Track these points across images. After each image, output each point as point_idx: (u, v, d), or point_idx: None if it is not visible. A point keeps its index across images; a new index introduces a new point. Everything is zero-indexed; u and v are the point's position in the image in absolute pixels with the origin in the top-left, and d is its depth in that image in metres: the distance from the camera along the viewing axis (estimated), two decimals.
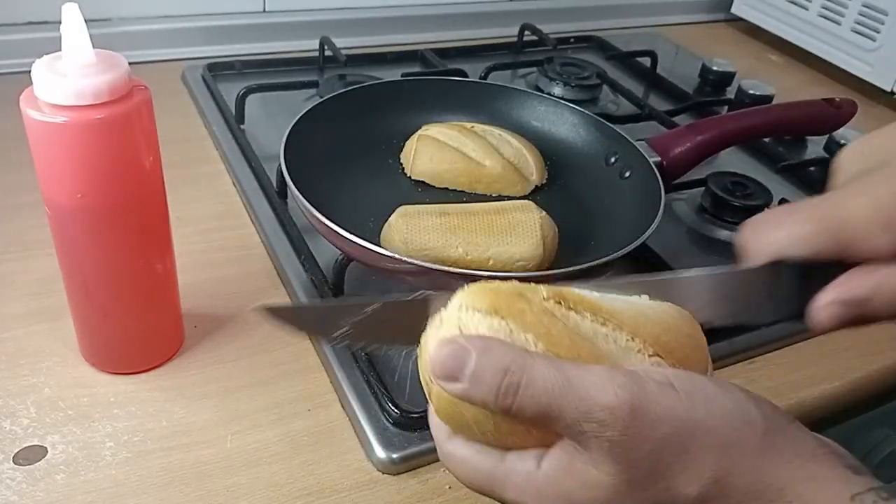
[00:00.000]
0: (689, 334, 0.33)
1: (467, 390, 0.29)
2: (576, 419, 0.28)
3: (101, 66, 0.40)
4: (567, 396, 0.28)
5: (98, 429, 0.46)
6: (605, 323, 0.31)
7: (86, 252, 0.45)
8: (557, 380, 0.28)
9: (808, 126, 0.77)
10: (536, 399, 0.28)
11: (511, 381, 0.28)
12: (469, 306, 0.30)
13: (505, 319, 0.30)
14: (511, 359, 0.29)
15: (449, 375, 0.29)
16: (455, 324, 0.30)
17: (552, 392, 0.28)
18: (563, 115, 0.72)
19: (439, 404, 0.31)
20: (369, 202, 0.62)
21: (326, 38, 0.89)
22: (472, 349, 0.29)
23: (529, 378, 0.28)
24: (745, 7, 1.20)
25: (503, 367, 0.28)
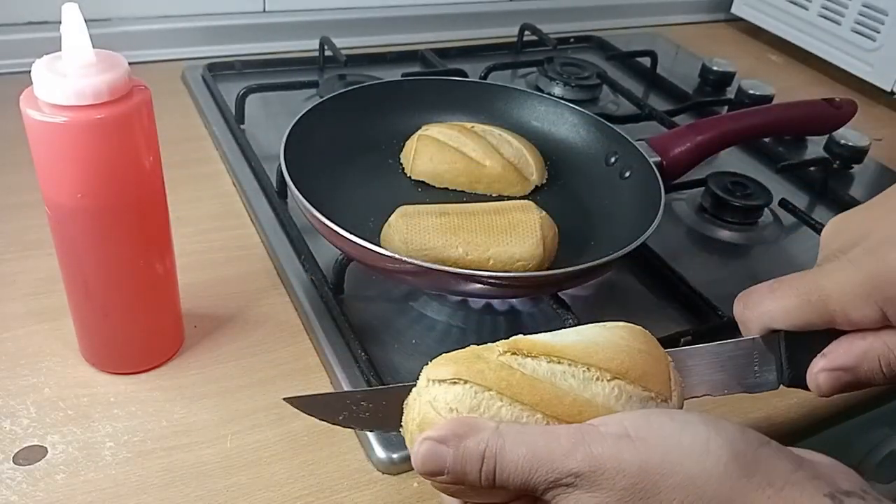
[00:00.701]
0: (643, 350, 0.35)
1: (452, 482, 0.31)
2: (548, 488, 0.30)
3: (101, 66, 0.40)
4: (538, 471, 0.30)
5: (98, 429, 0.46)
6: (560, 361, 0.33)
7: (86, 252, 0.45)
8: (526, 458, 0.30)
9: (808, 126, 0.77)
10: (513, 478, 0.30)
11: (488, 468, 0.31)
12: (434, 379, 0.33)
13: (468, 383, 0.32)
14: (485, 445, 0.31)
15: (432, 472, 0.31)
16: (426, 399, 0.33)
17: (524, 470, 0.30)
18: (563, 115, 0.72)
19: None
20: (369, 202, 0.62)
21: (326, 38, 0.89)
22: (448, 446, 0.31)
23: (502, 463, 0.30)
24: (745, 7, 1.20)
25: (479, 455, 0.31)
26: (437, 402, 0.32)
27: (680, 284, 0.62)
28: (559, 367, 0.33)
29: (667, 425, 0.31)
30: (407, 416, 0.34)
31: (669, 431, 0.30)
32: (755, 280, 0.41)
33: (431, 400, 0.33)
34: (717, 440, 0.30)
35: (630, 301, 0.62)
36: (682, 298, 0.61)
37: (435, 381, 0.33)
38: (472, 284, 0.50)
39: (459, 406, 0.32)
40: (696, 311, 0.60)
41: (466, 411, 0.32)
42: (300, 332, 0.55)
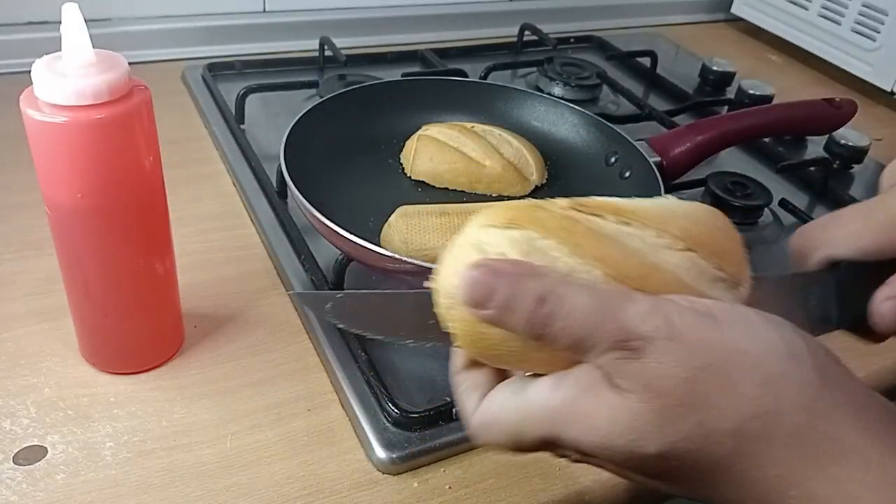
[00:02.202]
0: (722, 228, 0.31)
1: (497, 317, 0.28)
2: (609, 348, 0.27)
3: (101, 66, 0.40)
4: (604, 326, 0.27)
5: (98, 429, 0.46)
6: (629, 223, 0.29)
7: (86, 252, 0.45)
8: (595, 309, 0.27)
9: (808, 126, 0.77)
10: (572, 330, 0.27)
11: (546, 311, 0.27)
12: (485, 225, 0.29)
13: (524, 229, 0.28)
14: (548, 288, 0.27)
15: (477, 302, 0.28)
16: (472, 242, 0.28)
17: (589, 322, 0.27)
18: (563, 115, 0.72)
19: (462, 328, 0.29)
20: (369, 202, 0.62)
21: (326, 38, 0.89)
22: (505, 275, 0.27)
23: (567, 308, 0.27)
24: (745, 7, 1.20)
25: (538, 296, 0.27)
26: (486, 245, 0.28)
27: None
28: (628, 229, 0.29)
29: (754, 317, 0.28)
30: (443, 264, 0.29)
31: (758, 324, 0.28)
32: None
33: (478, 243, 0.28)
34: (804, 346, 0.28)
35: None
36: None
37: (486, 227, 0.28)
38: None
39: (512, 251, 0.28)
40: None
41: (520, 257, 0.28)
42: (300, 332, 0.55)
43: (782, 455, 0.26)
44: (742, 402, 0.26)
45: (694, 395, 0.27)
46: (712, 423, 0.27)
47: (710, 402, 0.26)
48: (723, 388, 0.26)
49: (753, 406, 0.26)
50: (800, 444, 0.26)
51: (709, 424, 0.27)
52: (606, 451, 0.28)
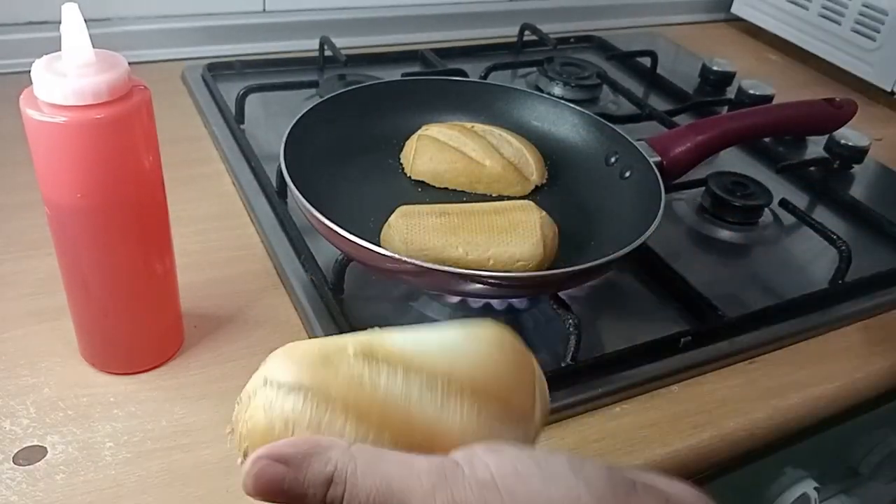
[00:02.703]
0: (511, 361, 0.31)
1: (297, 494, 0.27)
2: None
3: (101, 65, 0.40)
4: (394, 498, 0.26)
5: (98, 429, 0.46)
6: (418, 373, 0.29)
7: (85, 252, 0.45)
8: (380, 491, 0.26)
9: (808, 126, 0.77)
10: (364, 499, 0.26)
11: (335, 493, 0.26)
12: (273, 381, 0.29)
13: (309, 393, 0.28)
14: (333, 467, 0.27)
15: (265, 493, 0.27)
16: (260, 402, 0.29)
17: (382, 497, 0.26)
18: (563, 115, 0.72)
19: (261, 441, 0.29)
20: (369, 202, 0.62)
21: (326, 38, 0.89)
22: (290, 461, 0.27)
23: (351, 491, 0.26)
24: (745, 7, 1.20)
25: (326, 479, 0.27)
26: (273, 411, 0.28)
27: (680, 284, 0.62)
28: (416, 381, 0.29)
29: (535, 478, 0.27)
30: (237, 416, 0.30)
31: (538, 487, 0.27)
32: (755, 280, 0.40)
33: (266, 405, 0.29)
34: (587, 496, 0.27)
35: (630, 301, 0.62)
36: (682, 298, 0.61)
37: (274, 383, 0.29)
38: (472, 284, 0.50)
39: (298, 419, 0.28)
40: (695, 311, 0.60)
41: (305, 426, 0.28)
42: (300, 332, 0.55)
43: None
44: None
45: None
46: None
47: None
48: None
49: None
50: None
51: None
52: None
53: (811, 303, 0.63)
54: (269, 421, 0.28)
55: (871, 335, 0.63)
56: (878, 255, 0.71)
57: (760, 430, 0.54)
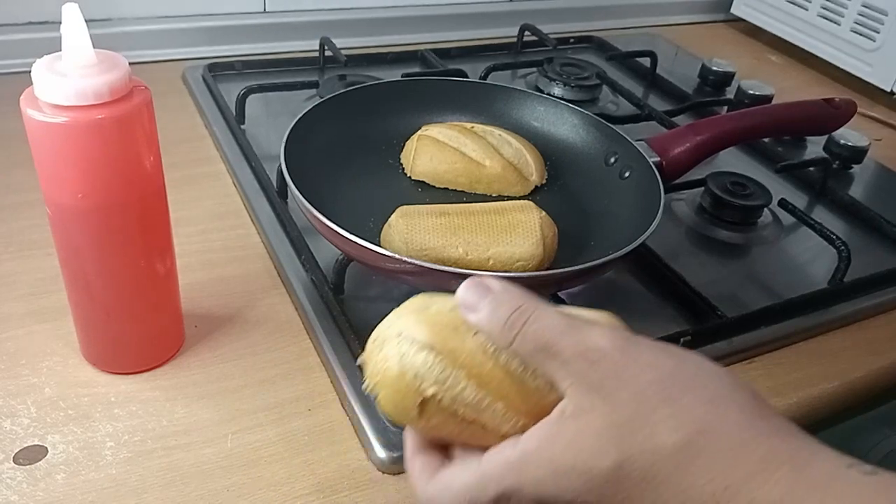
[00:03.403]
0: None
1: (483, 318, 0.32)
2: (571, 356, 0.30)
3: (102, 66, 0.40)
4: (567, 335, 0.31)
5: (98, 428, 0.46)
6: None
7: (86, 252, 0.45)
8: (564, 324, 0.31)
9: (808, 126, 0.77)
10: (540, 334, 0.31)
11: (521, 315, 0.32)
12: (407, 336, 0.33)
13: (439, 356, 0.32)
14: (525, 299, 0.32)
15: (470, 306, 0.33)
16: (395, 351, 0.33)
17: (555, 329, 0.31)
18: (563, 115, 0.72)
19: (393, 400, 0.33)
20: (369, 202, 0.62)
21: (326, 38, 0.89)
22: (493, 288, 0.33)
23: (538, 315, 0.32)
24: (745, 7, 1.20)
25: (516, 305, 0.32)
26: (406, 362, 0.32)
27: (679, 284, 0.62)
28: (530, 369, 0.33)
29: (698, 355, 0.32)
30: (371, 356, 0.34)
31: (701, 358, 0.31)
32: (754, 280, 0.41)
33: (400, 356, 0.33)
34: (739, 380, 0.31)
35: (630, 301, 0.62)
36: (682, 298, 0.61)
37: (408, 337, 0.33)
38: None
39: (426, 375, 0.32)
40: (695, 311, 0.60)
41: (432, 381, 0.32)
42: (300, 332, 0.55)
43: (729, 467, 0.28)
44: (689, 416, 0.29)
45: (644, 406, 0.29)
46: (660, 436, 0.29)
47: (658, 414, 0.29)
48: (671, 403, 0.29)
49: (700, 421, 0.29)
50: (746, 456, 0.28)
51: (657, 437, 0.29)
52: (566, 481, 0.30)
53: (810, 303, 0.63)
54: (402, 370, 0.33)
55: (871, 335, 0.63)
56: (878, 255, 0.71)
57: None
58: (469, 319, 0.33)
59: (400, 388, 0.33)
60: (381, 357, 0.33)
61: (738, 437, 0.28)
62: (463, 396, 0.32)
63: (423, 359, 0.32)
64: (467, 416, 0.33)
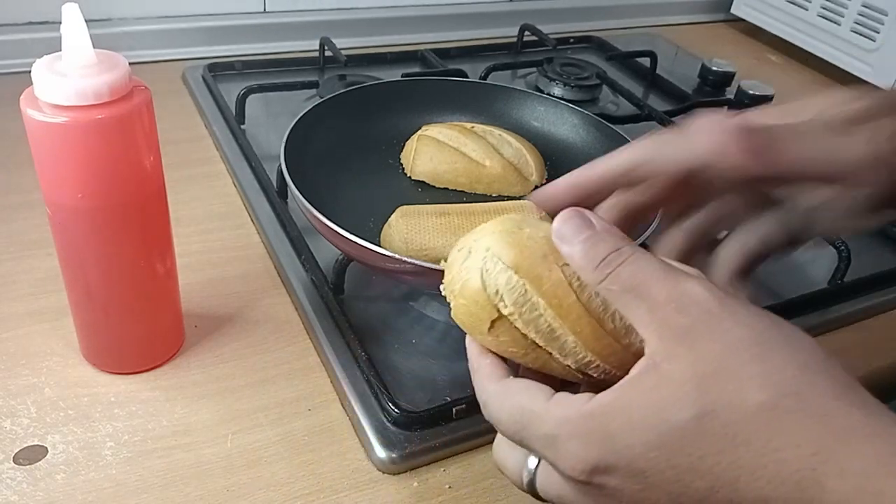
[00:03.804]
0: None
1: (577, 252, 0.32)
2: (662, 301, 0.29)
3: (102, 66, 0.40)
4: (663, 281, 0.30)
5: (98, 428, 0.46)
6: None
7: (86, 252, 0.45)
8: (661, 269, 0.30)
9: None
10: (633, 274, 0.30)
11: (619, 256, 0.31)
12: (494, 253, 0.32)
13: (523, 280, 0.32)
14: (625, 241, 0.31)
15: (566, 238, 0.32)
16: (479, 265, 0.33)
17: (651, 272, 0.30)
18: (563, 115, 0.72)
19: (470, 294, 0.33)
20: (369, 202, 0.62)
21: (326, 38, 0.89)
22: (594, 224, 0.32)
23: (636, 257, 0.31)
24: (745, 7, 1.20)
25: (615, 246, 0.31)
26: (489, 277, 0.32)
27: None
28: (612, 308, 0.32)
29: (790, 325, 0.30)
30: (454, 264, 0.34)
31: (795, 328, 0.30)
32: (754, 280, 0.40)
33: (483, 270, 0.32)
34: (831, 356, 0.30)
35: None
36: None
37: (494, 256, 0.32)
38: None
39: (507, 294, 0.32)
40: None
41: (511, 302, 0.32)
42: (300, 332, 0.55)
43: (818, 433, 0.27)
44: (779, 377, 0.27)
45: (735, 362, 0.28)
46: (749, 393, 0.27)
47: (748, 371, 0.27)
48: (762, 362, 0.28)
49: (790, 384, 0.27)
50: (836, 424, 0.27)
51: (746, 394, 0.27)
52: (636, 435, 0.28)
53: (810, 303, 0.63)
54: (483, 284, 0.32)
55: (871, 335, 0.63)
56: (878, 255, 0.71)
57: None
58: (562, 251, 0.32)
59: (478, 301, 0.33)
60: (464, 267, 0.33)
61: (828, 404, 0.27)
62: (538, 323, 0.32)
63: (506, 278, 0.32)
64: (537, 341, 0.32)
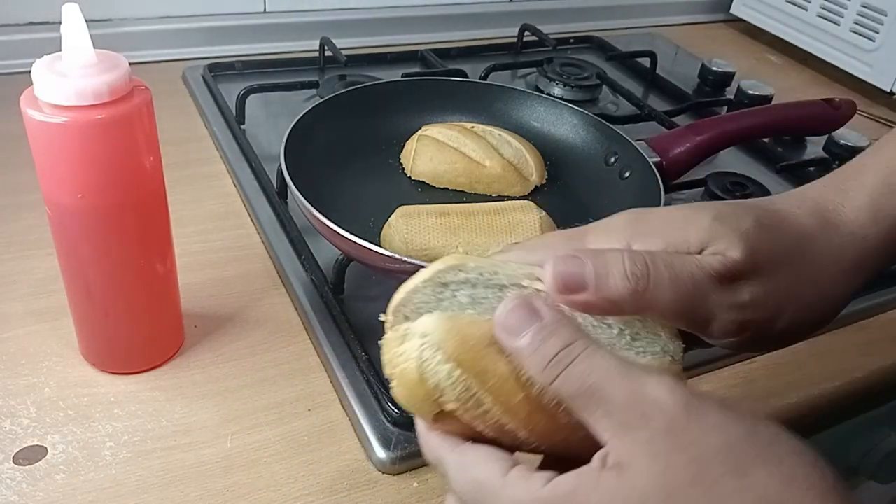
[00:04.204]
0: None
1: (524, 349, 0.28)
2: (621, 406, 0.26)
3: (102, 66, 0.40)
4: (619, 382, 0.26)
5: (98, 429, 0.46)
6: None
7: (86, 252, 0.45)
8: (615, 364, 0.27)
9: (808, 126, 0.77)
10: (586, 375, 0.27)
11: (570, 353, 0.27)
12: (432, 342, 0.29)
13: (464, 374, 0.29)
14: (577, 335, 0.28)
15: (511, 330, 0.28)
16: (416, 353, 0.29)
17: (606, 372, 0.27)
18: (563, 115, 0.72)
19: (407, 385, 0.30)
20: (369, 202, 0.62)
21: (326, 38, 0.89)
22: (542, 315, 0.28)
23: (589, 353, 0.27)
24: (745, 7, 1.20)
25: (567, 341, 0.28)
26: (427, 369, 0.29)
27: None
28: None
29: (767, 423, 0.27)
30: (390, 345, 0.31)
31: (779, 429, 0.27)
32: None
33: (422, 361, 0.29)
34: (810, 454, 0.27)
35: None
36: None
37: (433, 345, 0.29)
38: None
39: (448, 390, 0.29)
40: None
41: (453, 397, 0.29)
42: (300, 332, 0.55)
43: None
44: (760, 493, 0.25)
45: (706, 476, 0.25)
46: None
47: (723, 487, 0.25)
48: (740, 476, 0.25)
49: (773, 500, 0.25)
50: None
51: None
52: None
53: None
54: (421, 377, 0.29)
55: (871, 335, 0.63)
56: None
57: None
58: (507, 345, 0.28)
59: (417, 394, 0.30)
60: (400, 351, 0.30)
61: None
62: (486, 418, 0.29)
63: (447, 372, 0.29)
64: (485, 433, 0.30)
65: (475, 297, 0.31)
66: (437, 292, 0.31)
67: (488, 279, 0.31)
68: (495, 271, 0.31)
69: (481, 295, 0.31)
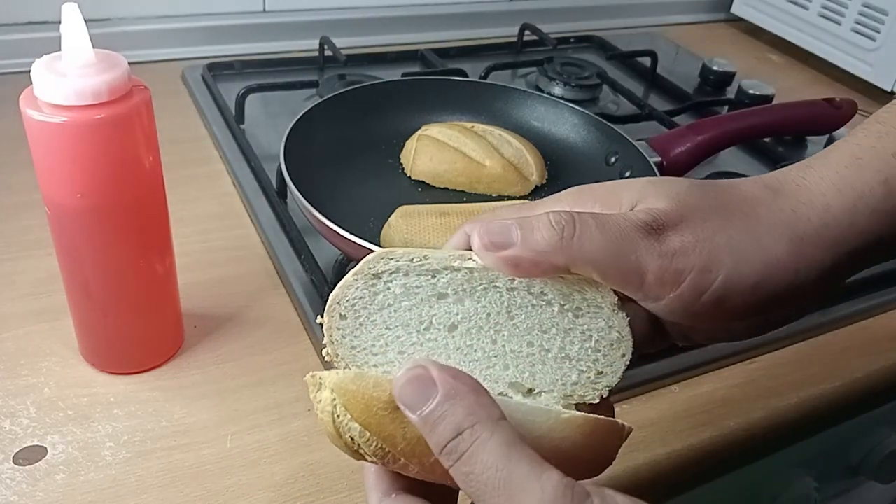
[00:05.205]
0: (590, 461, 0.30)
1: (421, 427, 0.27)
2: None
3: (101, 66, 0.40)
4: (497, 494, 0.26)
5: (98, 429, 0.46)
6: None
7: (86, 252, 0.45)
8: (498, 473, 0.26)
9: (808, 126, 0.77)
10: (469, 478, 0.26)
11: (458, 447, 0.26)
12: (341, 404, 0.29)
13: (375, 438, 0.29)
14: (470, 423, 0.26)
15: (407, 405, 0.27)
16: (329, 408, 0.29)
17: (486, 482, 0.26)
18: (563, 115, 0.72)
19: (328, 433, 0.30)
20: (369, 202, 0.62)
21: (326, 38, 0.89)
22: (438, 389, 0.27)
23: (474, 455, 0.26)
24: (746, 7, 1.20)
25: (457, 427, 0.26)
26: (340, 425, 0.29)
27: None
28: None
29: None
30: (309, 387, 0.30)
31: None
32: None
33: (335, 417, 0.29)
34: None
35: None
36: None
37: (342, 409, 0.29)
38: None
39: (364, 445, 0.29)
40: None
41: (370, 452, 0.29)
42: (300, 332, 0.55)
43: None
44: None
45: None
46: None
47: None
48: None
49: None
50: None
51: None
52: None
53: None
54: (337, 431, 0.29)
55: (871, 335, 0.62)
56: None
57: (760, 430, 0.54)
58: (408, 417, 0.27)
59: (338, 444, 0.30)
60: (318, 398, 0.30)
61: None
62: (406, 470, 0.29)
63: (358, 431, 0.29)
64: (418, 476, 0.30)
65: (408, 287, 0.31)
66: (370, 285, 0.31)
67: (419, 265, 0.32)
68: (425, 255, 0.32)
69: (414, 283, 0.31)
